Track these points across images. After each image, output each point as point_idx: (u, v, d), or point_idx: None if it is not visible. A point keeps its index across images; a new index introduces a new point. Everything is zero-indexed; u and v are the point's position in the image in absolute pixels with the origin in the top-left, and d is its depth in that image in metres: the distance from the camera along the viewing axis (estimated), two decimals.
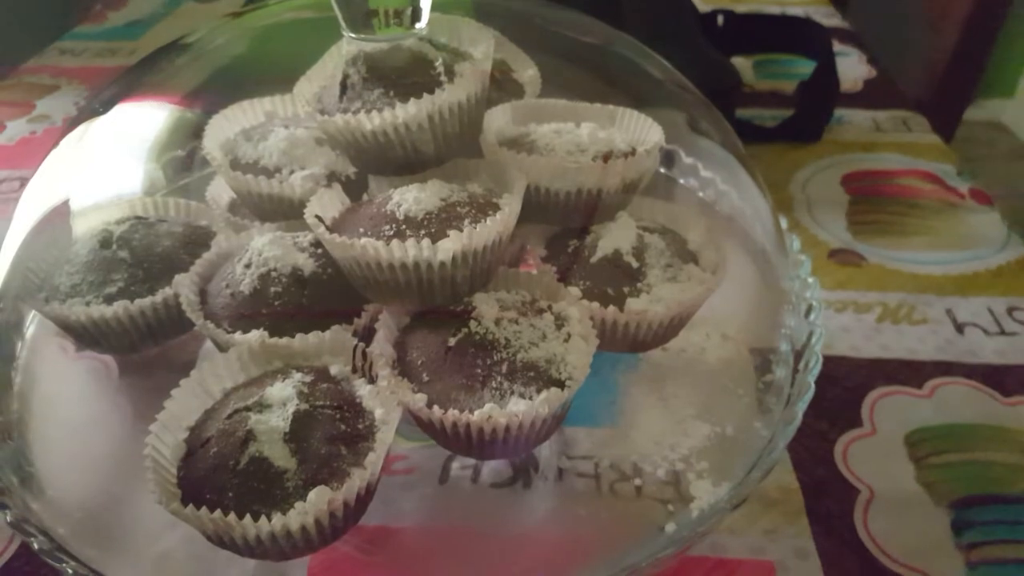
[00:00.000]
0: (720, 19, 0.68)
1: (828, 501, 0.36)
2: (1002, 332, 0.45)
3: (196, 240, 0.33)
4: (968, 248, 0.52)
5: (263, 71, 0.35)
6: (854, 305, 0.47)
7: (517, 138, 0.33)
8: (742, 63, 0.72)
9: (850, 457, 0.39)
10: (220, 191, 0.36)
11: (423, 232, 0.26)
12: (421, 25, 0.29)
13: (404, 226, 0.27)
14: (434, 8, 0.30)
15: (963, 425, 0.40)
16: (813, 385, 0.29)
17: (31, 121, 0.72)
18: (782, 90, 0.70)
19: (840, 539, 0.35)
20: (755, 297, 0.35)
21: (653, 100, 0.37)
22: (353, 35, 0.29)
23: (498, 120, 0.34)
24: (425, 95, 0.28)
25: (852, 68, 0.73)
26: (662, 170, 0.42)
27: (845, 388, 0.42)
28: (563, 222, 0.32)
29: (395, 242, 0.26)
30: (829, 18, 0.82)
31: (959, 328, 0.46)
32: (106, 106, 0.34)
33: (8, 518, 0.25)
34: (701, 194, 0.40)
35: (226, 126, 0.35)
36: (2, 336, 0.32)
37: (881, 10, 0.94)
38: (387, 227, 0.27)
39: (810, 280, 0.33)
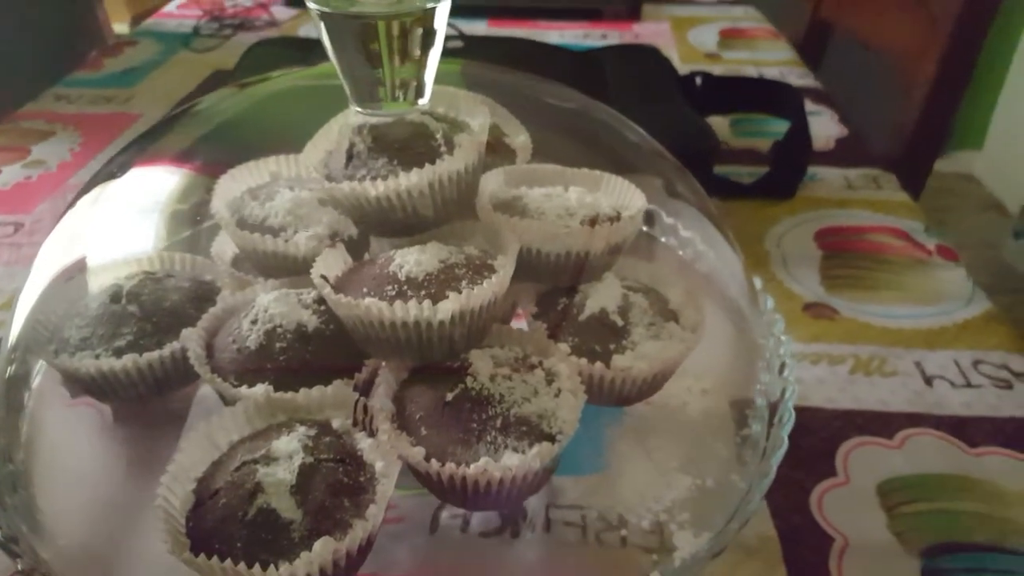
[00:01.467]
0: (698, 81, 0.71)
1: (804, 549, 0.38)
2: (968, 385, 0.47)
3: (202, 295, 0.34)
4: (935, 303, 0.54)
5: (270, 136, 0.37)
6: (828, 357, 0.50)
7: (510, 201, 0.35)
8: (719, 121, 0.75)
9: (825, 506, 0.40)
10: (224, 246, 0.38)
11: (423, 292, 0.28)
12: (424, 101, 0.31)
13: (406, 287, 0.29)
14: None
15: (932, 475, 0.42)
16: (787, 440, 0.31)
17: (26, 166, 0.73)
18: (758, 148, 0.73)
19: None
20: (732, 353, 0.36)
21: (633, 165, 0.39)
22: (360, 109, 0.31)
23: (492, 184, 0.36)
24: (427, 165, 0.30)
25: (825, 127, 0.77)
26: (644, 228, 0.44)
27: (820, 438, 0.44)
28: (553, 281, 0.34)
29: (398, 303, 0.28)
30: (803, 78, 0.86)
31: (927, 380, 0.48)
32: (120, 169, 0.36)
33: (20, 567, 0.25)
34: (681, 252, 0.42)
35: (233, 185, 0.37)
36: (12, 387, 0.33)
37: (851, 71, 0.99)
38: (390, 287, 0.29)
39: (783, 338, 0.35)
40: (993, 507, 0.40)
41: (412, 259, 0.29)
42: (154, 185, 0.37)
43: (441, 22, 0.29)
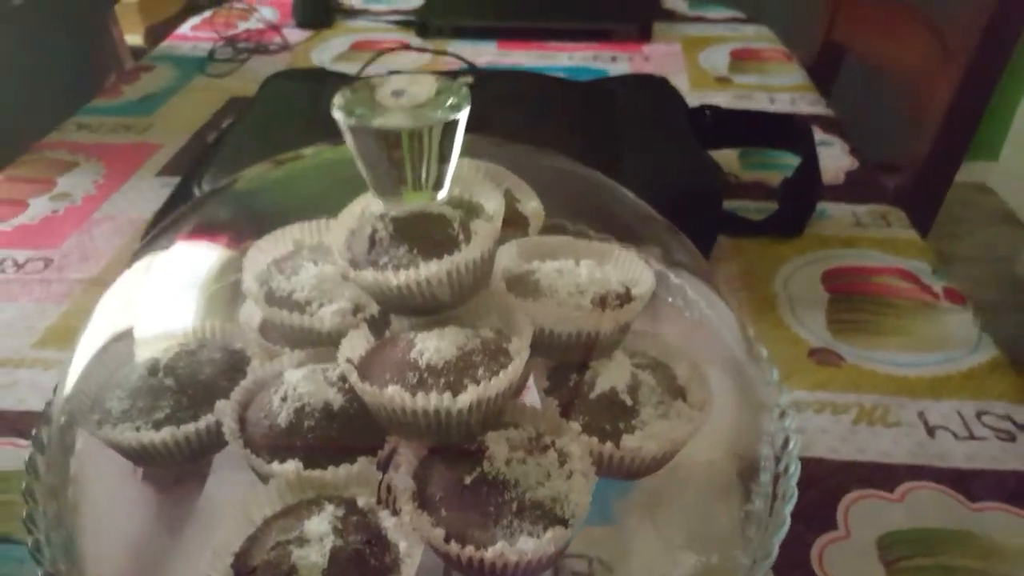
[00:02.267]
0: (707, 114, 0.72)
1: None
2: (971, 437, 0.49)
3: (233, 366, 0.36)
4: (941, 349, 0.55)
5: (304, 211, 0.39)
6: (832, 406, 0.51)
7: (523, 276, 0.37)
8: (728, 154, 0.76)
9: (825, 560, 0.42)
10: (252, 313, 0.40)
11: (443, 381, 0.30)
12: (443, 194, 0.33)
13: (426, 374, 0.30)
14: None
15: (932, 530, 0.43)
16: (788, 518, 0.32)
17: (53, 199, 0.76)
18: (767, 181, 0.74)
19: None
20: (736, 416, 0.38)
21: (631, 231, 0.41)
22: (382, 200, 0.33)
23: (506, 258, 0.37)
24: (445, 256, 0.32)
25: (834, 159, 0.78)
26: None
27: (822, 490, 0.45)
28: (564, 358, 0.35)
29: (420, 394, 0.29)
30: (813, 105, 0.87)
31: (930, 431, 0.49)
32: (165, 244, 0.39)
33: None
34: (686, 314, 0.43)
35: (260, 257, 0.39)
36: (66, 431, 0.35)
37: (864, 95, 1.00)
38: (411, 374, 0.30)
39: (782, 387, 0.36)
40: (991, 564, 0.42)
41: (432, 346, 0.31)
42: (192, 263, 0.39)
43: (461, 127, 0.31)
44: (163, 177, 0.78)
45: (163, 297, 0.39)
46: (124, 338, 0.38)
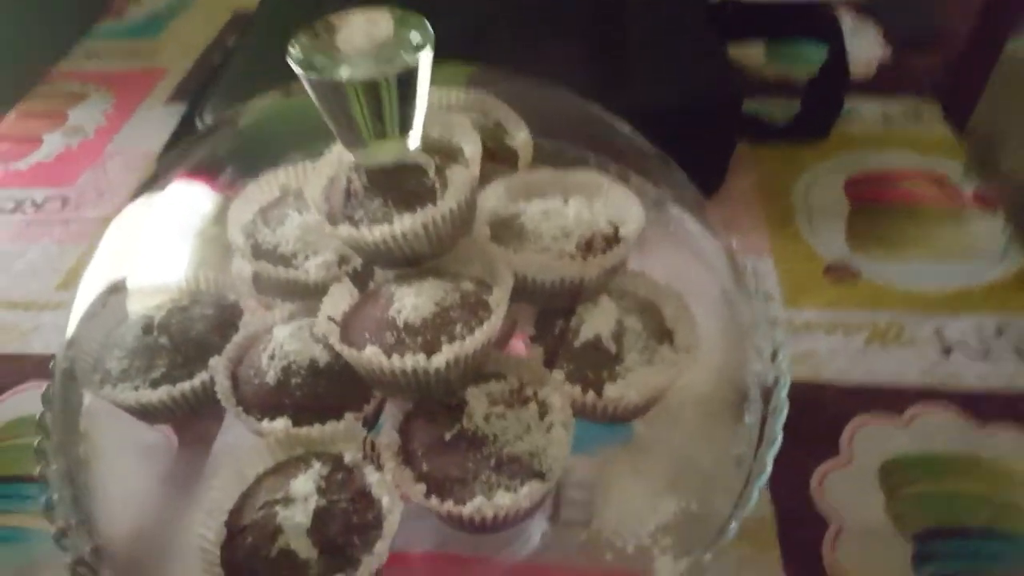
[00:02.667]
0: (728, 7, 0.67)
1: (799, 532, 0.40)
2: (987, 355, 0.47)
3: (226, 321, 0.37)
4: (965, 260, 0.53)
5: (304, 142, 0.38)
6: (844, 327, 0.50)
7: (508, 219, 0.36)
8: (754, 48, 0.72)
9: (825, 488, 0.42)
10: (243, 265, 0.40)
11: (420, 339, 0.30)
12: (414, 140, 0.31)
13: (404, 334, 0.30)
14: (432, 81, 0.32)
15: (937, 455, 0.43)
16: (780, 433, 0.32)
17: (66, 134, 0.76)
18: (794, 76, 0.70)
19: (808, 570, 0.39)
20: (724, 354, 0.37)
21: (624, 165, 0.39)
22: (351, 152, 0.32)
23: (492, 199, 0.36)
24: (420, 209, 0.31)
25: (866, 49, 0.73)
26: None
27: (828, 416, 0.45)
28: (549, 304, 0.35)
29: (395, 355, 0.29)
30: None
31: (946, 351, 0.48)
32: (161, 185, 0.39)
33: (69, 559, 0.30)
34: (678, 248, 0.42)
35: (245, 208, 0.38)
36: (67, 385, 0.37)
37: None
38: (388, 334, 0.31)
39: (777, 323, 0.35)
40: (996, 488, 0.41)
41: (409, 304, 0.31)
42: (189, 206, 0.39)
43: (424, 70, 0.29)
44: (171, 105, 0.77)
45: (158, 245, 0.39)
46: (120, 290, 0.38)
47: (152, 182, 0.43)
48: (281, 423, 0.32)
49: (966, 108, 0.73)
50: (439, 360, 0.29)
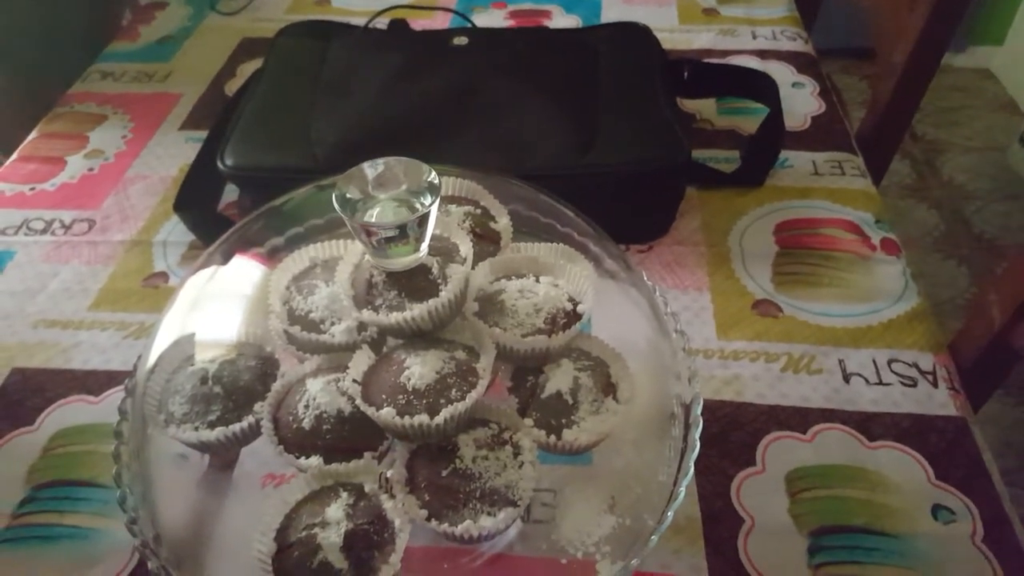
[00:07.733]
0: (685, 71, 0.77)
1: (720, 528, 0.51)
2: (880, 382, 0.58)
3: (267, 371, 0.46)
4: (869, 300, 0.63)
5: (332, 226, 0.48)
6: (766, 355, 0.60)
7: (492, 295, 0.45)
8: (706, 102, 0.81)
9: (742, 492, 0.53)
10: (278, 322, 0.49)
11: (425, 401, 0.40)
12: (424, 248, 0.41)
13: (412, 396, 0.40)
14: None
15: (832, 466, 0.54)
16: (698, 442, 0.42)
17: (87, 157, 0.83)
18: (741, 128, 0.79)
19: (726, 560, 0.49)
20: (654, 383, 0.47)
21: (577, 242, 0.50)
22: (376, 261, 0.41)
23: (480, 277, 0.46)
24: (426, 300, 0.40)
25: (803, 103, 0.82)
26: None
27: (747, 432, 0.56)
28: (523, 364, 0.45)
29: (406, 416, 0.39)
30: (793, 40, 0.90)
31: (846, 378, 0.58)
32: (224, 258, 0.50)
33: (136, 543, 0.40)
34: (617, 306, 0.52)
35: (282, 277, 0.48)
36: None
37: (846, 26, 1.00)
38: (400, 396, 0.40)
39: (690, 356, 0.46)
40: (876, 494, 0.52)
41: (416, 372, 0.40)
42: (241, 278, 0.50)
43: (432, 212, 0.39)
44: (186, 131, 0.85)
45: (215, 306, 0.49)
46: (182, 343, 0.48)
47: (213, 253, 0.52)
48: (315, 460, 0.42)
49: (882, 161, 0.83)
50: (439, 418, 0.39)
